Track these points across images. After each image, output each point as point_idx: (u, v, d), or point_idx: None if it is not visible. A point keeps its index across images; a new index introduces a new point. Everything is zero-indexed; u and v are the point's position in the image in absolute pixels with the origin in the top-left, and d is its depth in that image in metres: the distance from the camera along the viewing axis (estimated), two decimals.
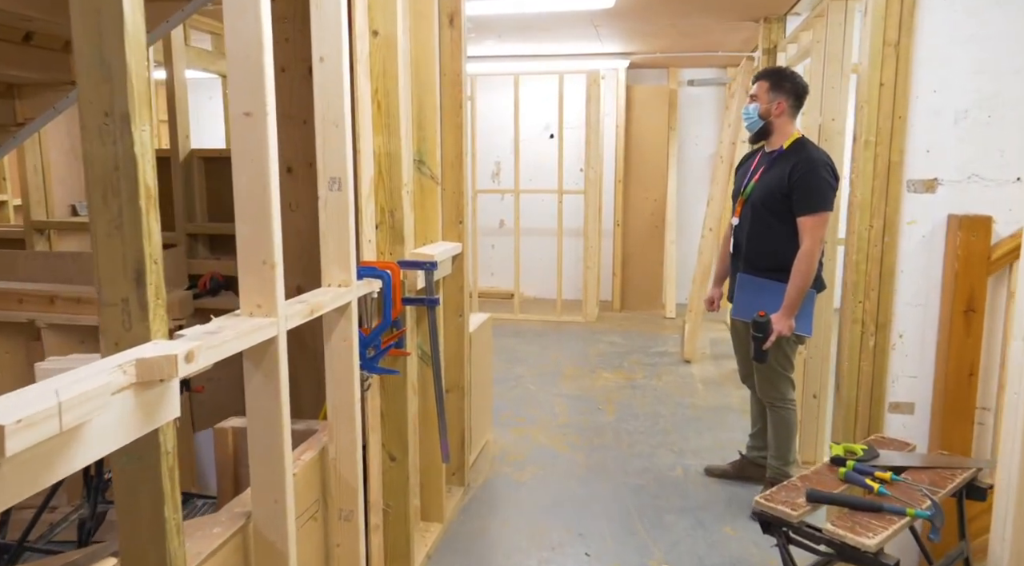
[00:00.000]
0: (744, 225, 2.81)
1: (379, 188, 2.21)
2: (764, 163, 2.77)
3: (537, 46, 5.89)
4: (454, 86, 2.81)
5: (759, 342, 2.61)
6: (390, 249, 2.24)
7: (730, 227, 2.97)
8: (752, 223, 2.75)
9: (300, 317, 1.58)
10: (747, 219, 2.78)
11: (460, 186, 2.86)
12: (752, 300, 2.72)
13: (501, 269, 7.33)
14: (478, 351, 3.34)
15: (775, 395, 2.80)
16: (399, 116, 2.18)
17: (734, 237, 2.89)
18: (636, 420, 4.00)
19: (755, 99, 2.73)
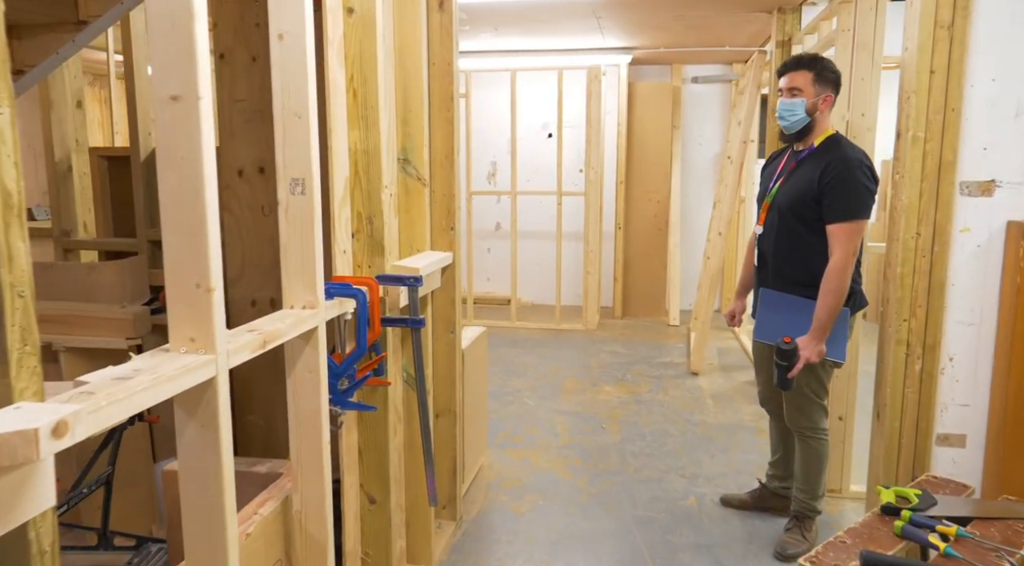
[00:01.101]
0: (769, 233, 2.48)
1: (355, 191, 1.91)
2: (792, 163, 2.45)
3: (535, 40, 5.60)
4: (444, 76, 2.52)
5: (783, 370, 2.28)
6: (368, 261, 1.94)
7: (754, 235, 2.66)
8: (778, 231, 2.43)
9: (249, 351, 1.28)
10: (772, 227, 2.46)
11: (451, 188, 2.56)
12: (776, 319, 2.41)
13: (497, 274, 7.04)
14: (472, 369, 3.04)
15: (806, 424, 2.50)
16: (378, 107, 1.88)
17: (758, 247, 2.57)
18: (642, 440, 3.71)
19: (797, 93, 2.33)
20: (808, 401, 2.46)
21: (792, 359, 2.25)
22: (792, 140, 2.42)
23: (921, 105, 2.02)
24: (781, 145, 2.58)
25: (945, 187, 2.04)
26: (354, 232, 1.93)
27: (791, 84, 2.35)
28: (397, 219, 2.26)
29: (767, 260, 2.50)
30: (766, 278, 2.50)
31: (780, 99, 2.38)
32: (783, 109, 2.36)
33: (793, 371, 2.27)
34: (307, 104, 1.49)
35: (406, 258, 2.24)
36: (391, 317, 1.92)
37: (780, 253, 2.44)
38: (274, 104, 1.50)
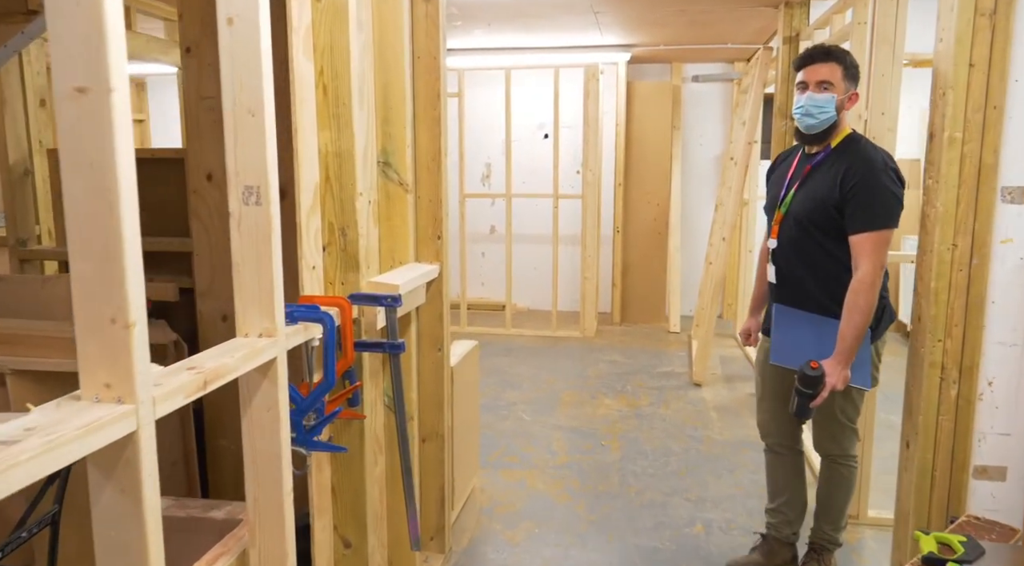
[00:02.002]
0: (785, 247, 2.20)
1: (326, 199, 1.70)
2: (806, 167, 2.17)
3: (531, 37, 5.39)
4: (430, 72, 2.30)
5: (806, 399, 2.00)
6: (342, 278, 1.73)
7: (765, 248, 2.41)
8: (796, 244, 2.16)
9: (183, 396, 1.07)
10: (788, 239, 2.18)
11: (438, 193, 2.35)
12: (795, 340, 2.15)
13: (492, 279, 6.82)
14: (463, 386, 2.83)
15: (836, 451, 2.26)
16: (352, 105, 1.67)
17: (773, 262, 2.26)
18: (644, 459, 3.50)
19: (828, 87, 2.04)
20: (841, 427, 2.22)
21: (817, 387, 2.00)
22: (811, 141, 2.13)
23: (959, 102, 1.81)
24: (785, 147, 2.35)
25: (985, 193, 1.84)
26: (325, 245, 1.71)
27: (820, 77, 2.05)
28: (377, 228, 2.05)
29: (785, 277, 2.22)
30: (784, 295, 2.25)
31: (805, 94, 2.07)
32: (812, 105, 2.05)
33: (817, 400, 2.00)
34: (262, 99, 1.28)
35: (386, 272, 2.02)
36: (367, 341, 1.71)
37: (799, 269, 2.17)
38: (223, 100, 1.29)
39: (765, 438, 2.47)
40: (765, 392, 2.41)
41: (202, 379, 1.11)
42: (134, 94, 6.67)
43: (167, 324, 2.45)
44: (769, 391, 2.38)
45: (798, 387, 2.03)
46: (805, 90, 2.09)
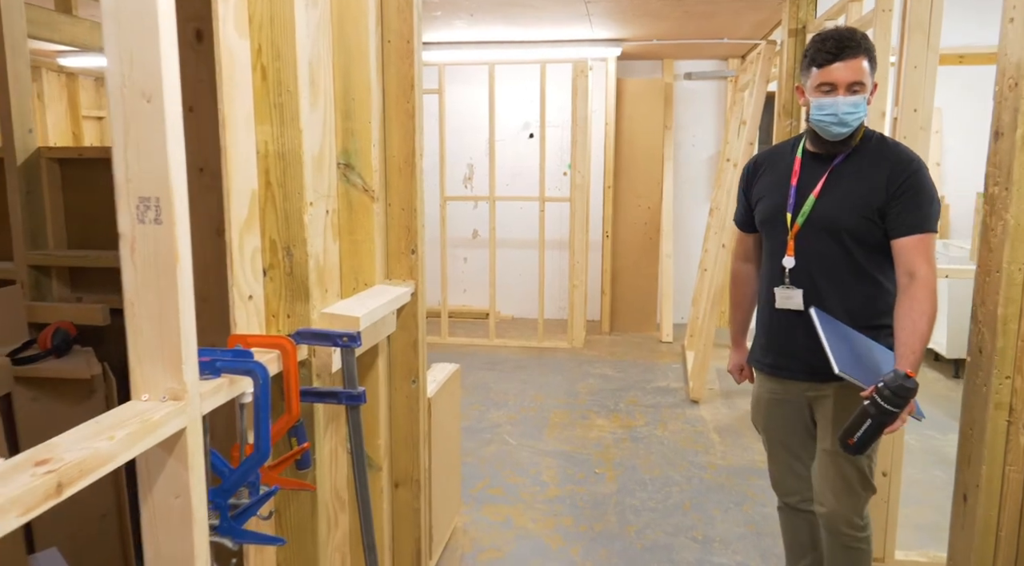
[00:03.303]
0: (810, 265, 1.81)
1: (267, 210, 1.36)
2: (823, 169, 1.81)
3: (515, 30, 5.06)
4: (403, 58, 1.96)
5: (883, 424, 1.57)
6: (287, 309, 1.38)
7: (747, 271, 2.07)
8: (822, 260, 1.80)
9: (16, 512, 0.72)
10: (813, 255, 1.81)
11: (412, 200, 2.01)
12: (851, 349, 1.73)
13: (475, 286, 6.49)
14: (442, 418, 2.49)
15: (852, 514, 1.85)
16: (298, 92, 1.33)
17: (792, 282, 1.83)
18: (643, 490, 3.18)
19: (860, 88, 1.68)
20: (863, 477, 1.84)
21: (904, 404, 1.57)
22: (834, 147, 1.78)
23: None
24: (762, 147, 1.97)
25: None
26: (266, 268, 1.37)
27: (854, 77, 1.68)
28: (337, 244, 1.71)
29: (819, 299, 1.81)
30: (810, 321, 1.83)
31: (834, 98, 1.69)
32: (846, 111, 1.69)
33: (897, 423, 1.58)
34: (160, 78, 0.94)
35: (348, 298, 1.68)
36: (318, 389, 1.37)
37: (827, 288, 1.81)
38: (108, 79, 0.94)
39: (784, 497, 2.07)
40: (774, 443, 2.01)
41: (54, 482, 0.77)
42: (93, 89, 6.26)
43: (93, 352, 2.10)
44: (779, 442, 2.00)
45: (882, 405, 1.56)
46: (832, 92, 1.70)
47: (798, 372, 1.87)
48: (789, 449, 1.98)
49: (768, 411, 1.99)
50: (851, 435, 1.61)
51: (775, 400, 1.96)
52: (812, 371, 1.81)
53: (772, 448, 2.03)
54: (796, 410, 1.93)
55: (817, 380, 1.83)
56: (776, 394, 1.95)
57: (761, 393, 2.01)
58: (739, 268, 2.10)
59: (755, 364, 2.01)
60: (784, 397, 1.94)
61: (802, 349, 1.82)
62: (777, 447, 2.01)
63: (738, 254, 2.10)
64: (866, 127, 1.83)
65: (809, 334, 1.76)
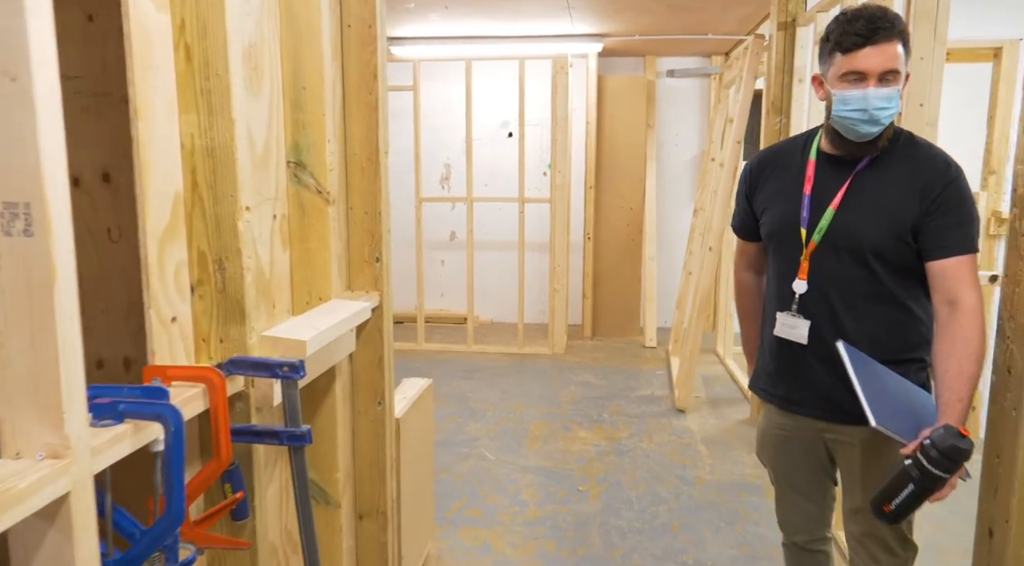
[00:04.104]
0: (828, 289, 1.55)
1: (193, 216, 1.15)
2: (841, 175, 1.54)
3: (493, 24, 4.87)
4: (364, 45, 1.76)
5: (930, 489, 1.31)
6: (220, 332, 1.18)
7: (753, 283, 1.82)
8: (841, 284, 1.54)
9: None
10: (831, 278, 1.54)
11: (375, 203, 1.81)
12: (887, 395, 1.46)
13: (452, 289, 6.28)
14: (413, 440, 2.29)
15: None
16: (229, 76, 1.12)
17: (800, 311, 1.58)
18: (629, 509, 2.99)
19: (893, 78, 1.42)
20: (902, 537, 1.61)
21: (955, 470, 1.31)
22: (858, 148, 1.51)
23: None
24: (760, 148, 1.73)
25: None
26: (194, 285, 1.16)
27: (889, 64, 1.40)
28: (287, 253, 1.50)
29: (824, 334, 1.55)
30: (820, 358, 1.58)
31: (863, 89, 1.42)
32: (877, 107, 1.41)
33: (946, 490, 1.32)
34: (27, 51, 0.73)
35: (299, 315, 1.48)
36: (256, 427, 1.16)
37: (849, 319, 1.54)
38: None
39: (791, 535, 1.82)
40: (782, 482, 1.78)
41: None
42: None
43: None
44: (788, 481, 1.76)
45: (928, 469, 1.29)
46: (861, 83, 1.43)
47: (814, 408, 1.62)
48: (798, 489, 1.75)
49: (777, 448, 1.74)
50: (888, 501, 1.34)
51: (785, 436, 1.71)
52: (832, 409, 1.58)
53: (780, 487, 1.79)
54: (809, 448, 1.69)
55: (838, 420, 1.58)
56: (786, 431, 1.71)
57: (769, 428, 1.76)
58: (744, 278, 1.85)
59: (761, 394, 1.75)
60: (796, 435, 1.69)
61: (819, 382, 1.58)
62: (785, 486, 1.78)
63: (741, 263, 1.85)
64: (894, 125, 1.54)
65: (827, 366, 1.55)
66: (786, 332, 1.60)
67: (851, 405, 1.42)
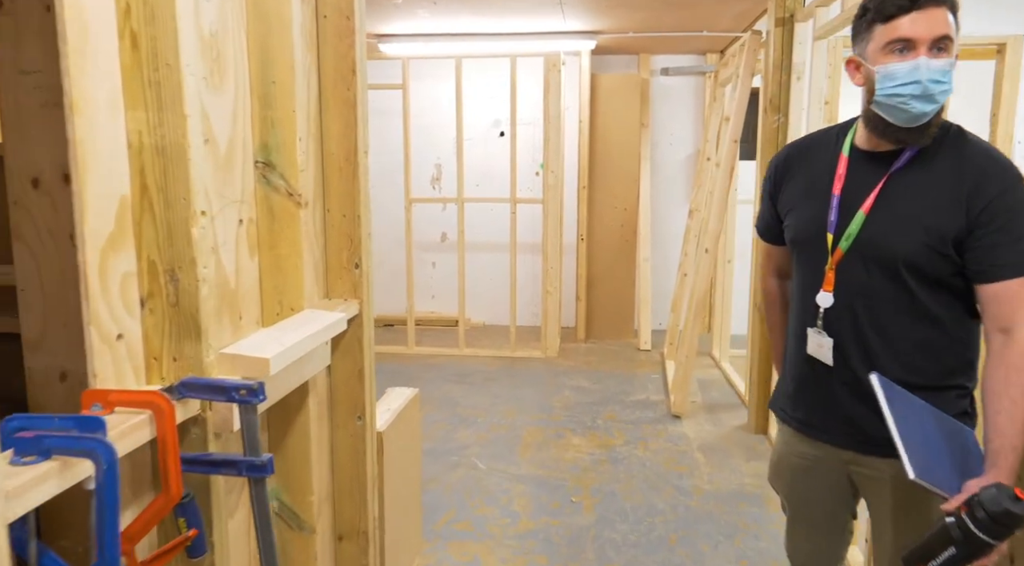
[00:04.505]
0: (854, 304, 1.37)
1: (143, 223, 1.04)
2: (876, 173, 1.34)
3: (483, 21, 4.76)
4: (341, 37, 1.65)
5: (967, 554, 1.13)
6: (173, 350, 1.07)
7: (780, 290, 1.66)
8: (874, 300, 1.35)
9: None
10: (858, 292, 1.36)
11: (354, 206, 1.70)
12: (926, 441, 1.26)
13: (444, 291, 6.17)
14: (398, 454, 2.18)
15: None
16: (181, 66, 1.01)
17: (824, 328, 1.40)
18: (624, 521, 2.89)
19: (946, 46, 1.21)
20: None
21: (1006, 537, 1.12)
22: (911, 138, 1.28)
23: None
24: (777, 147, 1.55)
25: None
26: (144, 298, 1.05)
27: (940, 29, 1.20)
28: (255, 260, 1.39)
29: (851, 352, 1.38)
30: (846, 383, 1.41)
31: (913, 59, 1.21)
32: (932, 78, 1.20)
33: (993, 556, 1.14)
34: None
35: (268, 327, 1.37)
36: (212, 456, 1.05)
37: (893, 338, 1.35)
38: None
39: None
40: (797, 513, 1.60)
41: None
42: None
43: None
44: (803, 513, 1.59)
45: (974, 533, 1.11)
46: (909, 52, 1.22)
47: (838, 435, 1.45)
48: (814, 522, 1.59)
49: (794, 476, 1.57)
50: (924, 561, 1.18)
51: (805, 465, 1.53)
52: (860, 439, 1.41)
53: (794, 517, 1.62)
54: (831, 480, 1.51)
55: (866, 451, 1.41)
56: (806, 459, 1.53)
57: (786, 453, 1.58)
58: (771, 286, 1.67)
59: (780, 414, 1.59)
60: (817, 464, 1.51)
61: (844, 407, 1.42)
62: (800, 517, 1.61)
63: (768, 269, 1.68)
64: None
65: (852, 390, 1.39)
66: (815, 351, 1.43)
67: (881, 434, 1.26)
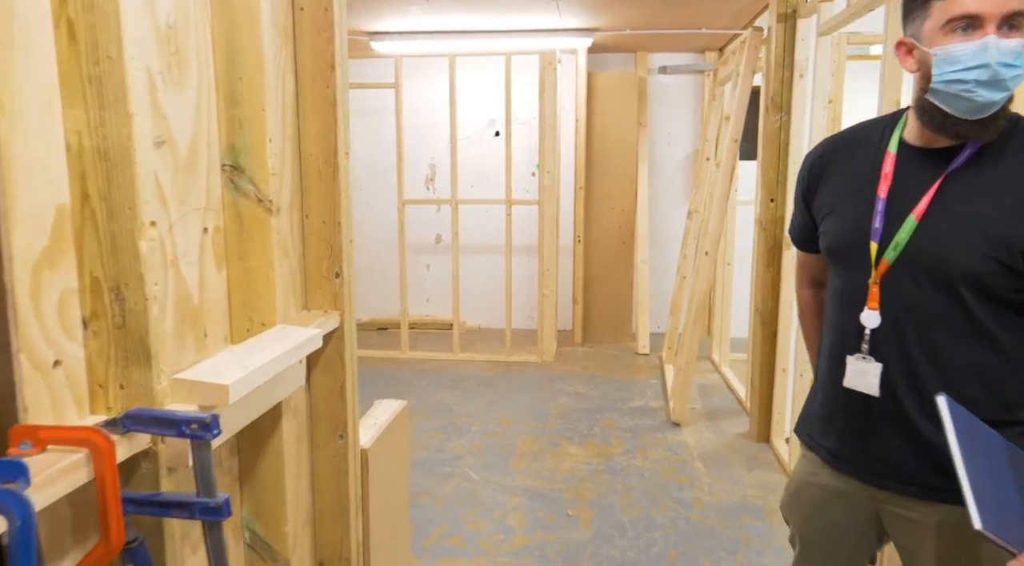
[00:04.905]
0: (902, 325, 1.19)
1: (84, 235, 0.93)
2: (932, 173, 1.16)
3: (477, 18, 4.65)
4: (320, 31, 1.54)
5: None
6: (121, 376, 0.96)
7: (816, 299, 1.48)
8: (927, 322, 1.17)
9: None
10: (906, 310, 1.18)
11: (334, 210, 1.59)
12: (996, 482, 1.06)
13: (438, 294, 6.06)
14: (385, 471, 2.07)
15: None
16: (124, 59, 0.90)
17: (872, 351, 1.21)
18: (623, 536, 2.78)
19: (1019, 21, 1.04)
20: None
21: None
22: (973, 132, 1.11)
23: None
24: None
25: None
26: (87, 319, 0.94)
27: (1012, 4, 1.04)
28: (223, 273, 1.28)
29: (912, 380, 1.19)
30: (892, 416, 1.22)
31: (986, 38, 1.04)
32: (1003, 60, 1.04)
33: None
34: None
35: (237, 345, 1.26)
36: (162, 496, 0.93)
37: (947, 366, 1.17)
38: None
39: None
40: (812, 550, 1.41)
41: None
42: None
43: None
44: (816, 548, 1.40)
45: None
46: (973, 31, 1.06)
47: (873, 471, 1.26)
48: (833, 561, 1.39)
49: (813, 510, 1.37)
50: None
51: (826, 499, 1.34)
52: (901, 477, 1.22)
53: (804, 555, 1.43)
54: (855, 516, 1.32)
55: (905, 492, 1.22)
56: (830, 492, 1.34)
57: (807, 482, 1.39)
58: (807, 297, 1.50)
59: (805, 440, 1.40)
60: (842, 500, 1.32)
61: (885, 440, 1.23)
62: (811, 557, 1.41)
63: (801, 278, 1.51)
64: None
65: (896, 422, 1.21)
66: (856, 381, 1.22)
67: (927, 475, 1.13)
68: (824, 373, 1.34)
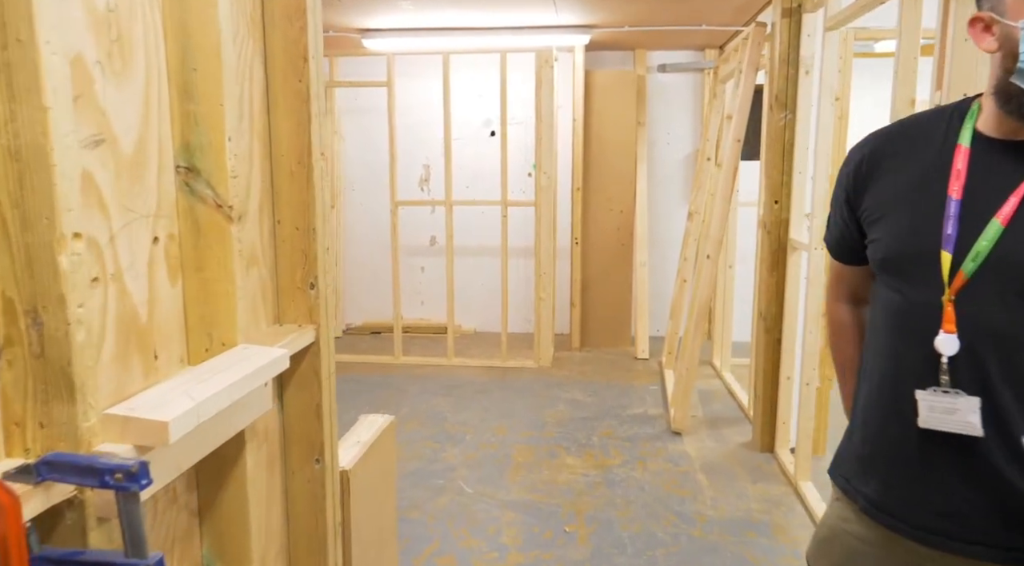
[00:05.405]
0: (980, 348, 1.00)
1: None
2: (1012, 168, 1.00)
3: (471, 15, 4.52)
4: (291, 19, 1.41)
5: None
6: (40, 414, 0.82)
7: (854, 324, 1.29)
8: (1015, 343, 0.98)
9: None
10: (984, 331, 0.99)
11: (308, 215, 1.46)
12: None
13: (432, 297, 5.93)
14: (367, 494, 1.94)
15: None
16: (37, 44, 0.77)
17: (951, 376, 1.01)
18: (622, 554, 2.65)
19: None
20: None
21: None
22: None
23: None
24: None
25: None
26: (1, 346, 0.81)
27: None
28: (177, 287, 1.15)
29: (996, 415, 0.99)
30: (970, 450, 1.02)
31: None
32: None
33: None
34: None
35: (190, 368, 1.12)
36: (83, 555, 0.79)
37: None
38: None
39: None
40: None
41: None
42: None
43: None
44: None
45: None
46: None
47: (927, 528, 1.07)
48: None
49: (845, 561, 1.19)
50: None
51: (864, 551, 1.16)
52: (967, 537, 1.04)
53: None
54: None
55: (965, 553, 1.04)
56: (868, 545, 1.15)
57: (841, 531, 1.20)
58: (842, 314, 1.30)
59: (840, 482, 1.21)
60: (880, 554, 1.14)
61: (948, 492, 1.05)
62: None
63: (837, 292, 1.31)
64: None
65: (968, 468, 1.02)
66: (937, 421, 1.02)
67: (1002, 533, 0.99)
68: (870, 408, 1.15)
